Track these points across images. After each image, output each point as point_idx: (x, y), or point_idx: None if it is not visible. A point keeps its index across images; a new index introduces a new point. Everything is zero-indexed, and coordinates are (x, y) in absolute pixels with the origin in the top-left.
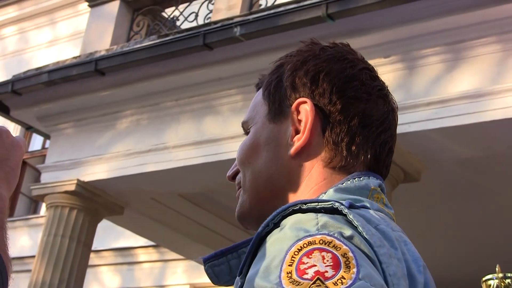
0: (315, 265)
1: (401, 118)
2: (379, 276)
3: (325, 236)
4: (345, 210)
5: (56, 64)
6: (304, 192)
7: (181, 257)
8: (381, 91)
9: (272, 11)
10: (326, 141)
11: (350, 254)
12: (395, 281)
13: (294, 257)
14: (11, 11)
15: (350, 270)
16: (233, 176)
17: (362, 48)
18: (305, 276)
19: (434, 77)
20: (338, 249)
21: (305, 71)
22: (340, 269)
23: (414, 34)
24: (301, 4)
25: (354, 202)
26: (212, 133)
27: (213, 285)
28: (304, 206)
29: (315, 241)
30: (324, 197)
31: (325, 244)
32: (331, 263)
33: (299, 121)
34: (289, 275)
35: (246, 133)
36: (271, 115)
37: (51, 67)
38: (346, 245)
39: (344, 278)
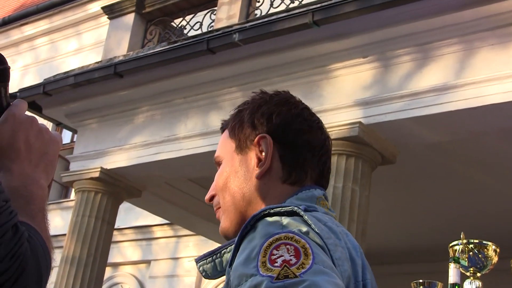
0: (282, 255)
1: (378, 109)
2: (329, 260)
3: (288, 233)
4: (301, 213)
5: (81, 69)
6: (269, 204)
7: (192, 233)
8: (318, 123)
9: (266, 19)
10: (283, 164)
11: (307, 246)
12: (340, 263)
13: (267, 250)
14: (43, 25)
15: (308, 258)
16: (210, 199)
17: (344, 49)
18: (275, 264)
19: (406, 74)
20: (298, 242)
21: (261, 113)
22: (301, 257)
23: (388, 37)
24: (291, 13)
25: (308, 207)
26: (216, 125)
27: None
28: (272, 211)
29: (281, 237)
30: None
31: (288, 239)
32: (294, 253)
33: (261, 151)
34: (264, 264)
35: (218, 164)
36: (239, 149)
37: (77, 71)
38: (304, 239)
39: (304, 264)
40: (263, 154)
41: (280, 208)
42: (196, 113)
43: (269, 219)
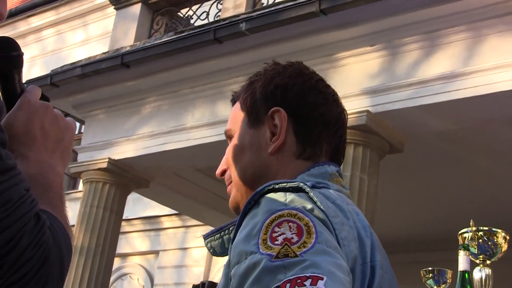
0: (284, 233)
1: (386, 97)
2: (334, 239)
3: (291, 210)
4: (307, 189)
5: (88, 59)
6: (280, 180)
7: (200, 223)
8: (334, 96)
9: (272, 8)
10: (297, 139)
11: (311, 224)
12: (345, 243)
13: (268, 227)
14: (50, 16)
15: (311, 236)
16: (221, 174)
17: (351, 38)
18: (276, 242)
19: (414, 62)
20: (302, 219)
21: (275, 85)
22: (303, 236)
23: (396, 25)
24: (298, 1)
25: (318, 183)
26: (223, 115)
27: None
28: (277, 186)
29: (284, 214)
30: None
31: (291, 216)
32: (296, 231)
33: (274, 125)
34: (264, 241)
35: (229, 138)
36: (251, 123)
37: (84, 62)
38: (307, 217)
39: (306, 243)
40: (277, 128)
41: (286, 184)
42: (204, 103)
43: (273, 194)
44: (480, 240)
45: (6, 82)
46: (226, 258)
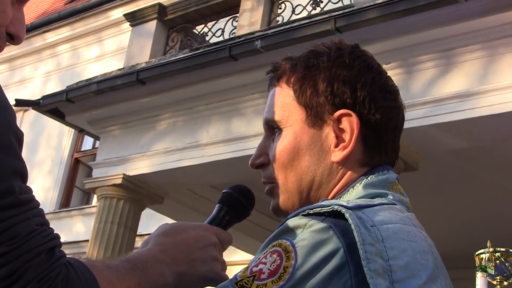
0: (265, 263)
1: None
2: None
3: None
4: (346, 214)
5: (103, 76)
6: (338, 189)
7: None
8: (397, 92)
9: (287, 26)
10: (365, 147)
11: (292, 262)
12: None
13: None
14: (65, 32)
15: (281, 279)
16: (258, 167)
17: None
18: (252, 269)
19: (429, 80)
20: (287, 255)
21: (343, 81)
22: (275, 274)
23: (411, 43)
24: (313, 19)
25: (380, 195)
26: (239, 131)
27: (242, 262)
28: (311, 211)
29: (274, 244)
30: (353, 192)
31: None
32: (274, 267)
33: (340, 129)
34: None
35: (270, 129)
36: (311, 121)
37: (99, 78)
38: (294, 254)
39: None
40: (344, 133)
41: (320, 208)
42: (219, 120)
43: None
44: (497, 261)
45: (222, 215)
46: None
